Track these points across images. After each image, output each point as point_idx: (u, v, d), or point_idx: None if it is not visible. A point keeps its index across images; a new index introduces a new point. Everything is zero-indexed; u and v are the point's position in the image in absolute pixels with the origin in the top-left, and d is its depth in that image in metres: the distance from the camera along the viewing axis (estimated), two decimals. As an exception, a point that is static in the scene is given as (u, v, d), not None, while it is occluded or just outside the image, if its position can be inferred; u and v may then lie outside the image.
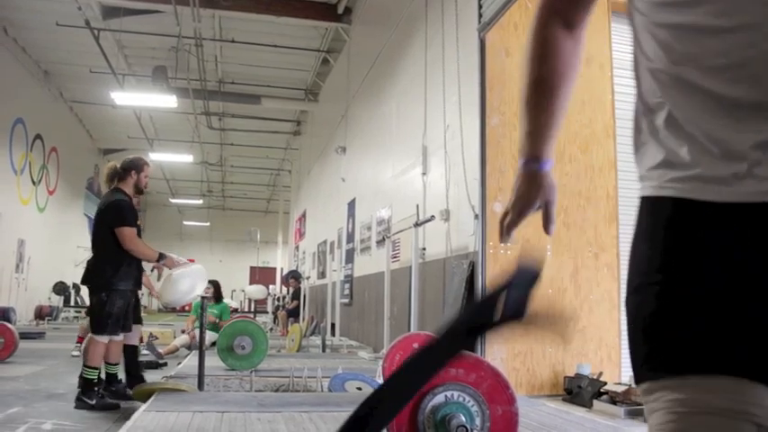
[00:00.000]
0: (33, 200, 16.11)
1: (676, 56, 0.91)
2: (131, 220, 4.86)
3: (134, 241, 4.83)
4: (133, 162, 5.07)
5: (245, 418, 3.60)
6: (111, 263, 4.78)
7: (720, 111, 0.87)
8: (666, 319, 0.89)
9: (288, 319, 12.23)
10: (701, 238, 0.89)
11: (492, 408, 2.53)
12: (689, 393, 0.85)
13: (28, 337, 9.89)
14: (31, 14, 12.06)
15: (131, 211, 4.92)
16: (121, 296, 4.77)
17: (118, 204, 4.88)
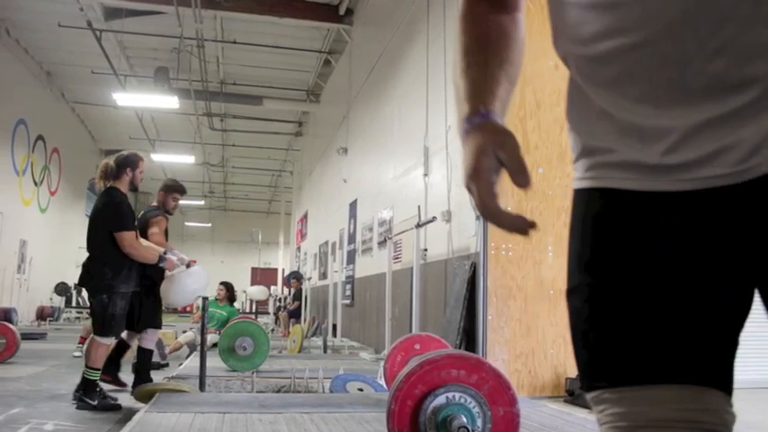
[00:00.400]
0: (35, 200, 16.13)
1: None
2: (130, 224, 4.81)
3: (134, 245, 4.76)
4: (128, 159, 4.91)
5: (246, 419, 3.60)
6: (110, 265, 4.69)
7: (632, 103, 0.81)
8: (598, 326, 0.83)
9: (289, 320, 12.23)
10: (623, 233, 0.83)
11: (493, 409, 2.53)
12: (630, 406, 0.79)
13: (30, 338, 9.90)
14: (34, 15, 12.08)
15: (130, 214, 4.86)
16: (123, 298, 4.72)
17: (116, 207, 4.77)
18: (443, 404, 2.51)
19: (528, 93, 5.30)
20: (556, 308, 5.11)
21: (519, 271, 5.09)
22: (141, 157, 5.06)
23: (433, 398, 2.52)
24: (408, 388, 2.53)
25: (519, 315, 5.03)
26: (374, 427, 3.38)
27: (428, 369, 2.55)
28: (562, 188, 5.26)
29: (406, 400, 2.53)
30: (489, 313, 4.96)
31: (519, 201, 5.14)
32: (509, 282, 5.06)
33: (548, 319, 5.08)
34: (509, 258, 5.08)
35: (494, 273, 5.03)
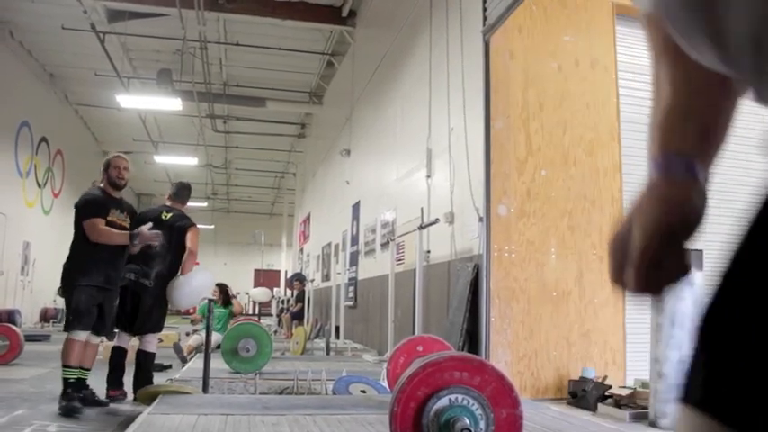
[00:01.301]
0: (39, 202, 16.16)
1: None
2: (95, 211, 4.83)
3: (97, 230, 4.76)
4: (106, 160, 5.13)
5: (249, 420, 3.60)
6: (73, 260, 4.87)
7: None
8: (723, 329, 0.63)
9: (292, 322, 12.23)
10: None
11: (496, 411, 2.53)
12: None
13: (33, 340, 9.92)
14: (37, 18, 12.11)
15: (95, 203, 4.89)
16: (84, 292, 4.73)
17: (82, 199, 4.96)
18: (446, 406, 2.51)
19: (531, 95, 5.30)
20: (558, 310, 5.11)
21: (522, 273, 5.08)
22: (118, 155, 5.23)
23: (436, 400, 2.52)
24: (411, 390, 2.53)
25: (522, 317, 5.02)
26: (377, 428, 3.38)
27: (431, 371, 2.54)
28: (565, 190, 5.26)
29: (409, 402, 2.53)
30: (492, 315, 4.96)
31: (522, 203, 5.14)
32: (512, 284, 5.05)
33: (551, 321, 5.08)
34: (512, 260, 5.07)
35: (497, 275, 5.02)
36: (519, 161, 5.21)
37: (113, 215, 4.93)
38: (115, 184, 5.02)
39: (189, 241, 5.33)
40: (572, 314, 5.14)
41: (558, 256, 5.17)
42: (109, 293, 4.96)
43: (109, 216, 4.88)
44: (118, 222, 4.93)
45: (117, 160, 5.07)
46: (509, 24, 5.22)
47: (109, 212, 4.89)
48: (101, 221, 4.79)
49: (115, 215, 4.94)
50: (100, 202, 4.91)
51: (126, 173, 5.05)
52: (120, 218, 4.98)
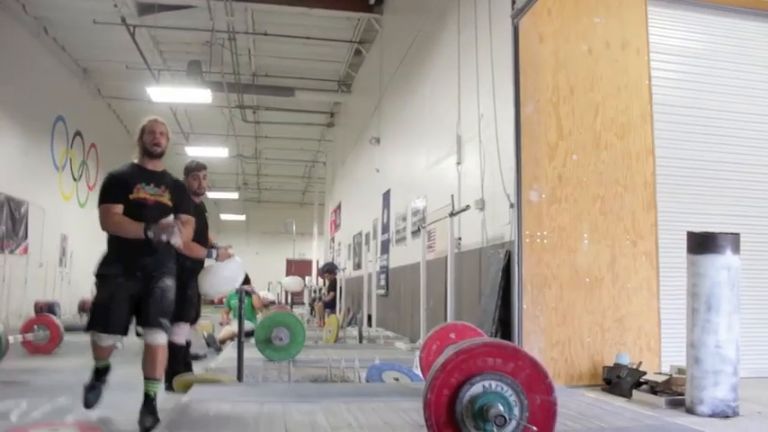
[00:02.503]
0: (75, 195, 16.45)
1: None
2: (109, 195, 4.14)
3: (106, 218, 4.11)
4: (140, 126, 4.38)
5: (283, 408, 3.64)
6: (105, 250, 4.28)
7: None
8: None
9: (325, 311, 12.31)
10: None
11: (530, 397, 2.52)
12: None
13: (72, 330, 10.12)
14: (69, 13, 12.28)
15: (113, 184, 4.19)
16: (103, 284, 4.15)
17: (104, 180, 4.30)
18: (480, 393, 2.50)
19: (561, 78, 5.23)
20: (591, 296, 5.06)
21: (554, 259, 5.04)
22: (154, 120, 4.39)
23: (470, 386, 2.51)
24: (444, 377, 2.53)
25: (554, 303, 4.99)
26: (410, 416, 3.39)
27: (464, 358, 2.54)
28: (597, 174, 5.20)
29: (443, 389, 2.53)
30: (524, 302, 4.93)
31: (553, 188, 5.10)
32: (544, 270, 5.02)
33: (584, 307, 5.04)
34: (544, 246, 5.04)
35: (528, 261, 4.99)
36: (549, 146, 5.15)
37: (142, 191, 4.14)
38: (149, 151, 4.25)
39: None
40: (605, 300, 5.09)
41: (591, 242, 5.12)
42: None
43: (133, 193, 4.11)
44: (151, 199, 4.13)
45: (152, 124, 4.30)
46: (538, 7, 5.15)
47: (134, 189, 4.12)
48: (114, 207, 4.08)
49: (145, 191, 4.15)
50: (120, 180, 4.17)
51: (163, 138, 4.27)
52: (153, 193, 4.16)
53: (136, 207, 4.09)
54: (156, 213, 4.09)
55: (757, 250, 5.37)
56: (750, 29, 5.91)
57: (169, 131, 4.38)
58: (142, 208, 4.10)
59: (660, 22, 5.63)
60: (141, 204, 4.11)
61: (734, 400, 3.74)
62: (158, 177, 4.26)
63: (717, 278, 3.79)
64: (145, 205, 4.11)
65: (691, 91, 5.67)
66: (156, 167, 4.29)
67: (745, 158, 5.72)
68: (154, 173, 4.26)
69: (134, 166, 4.30)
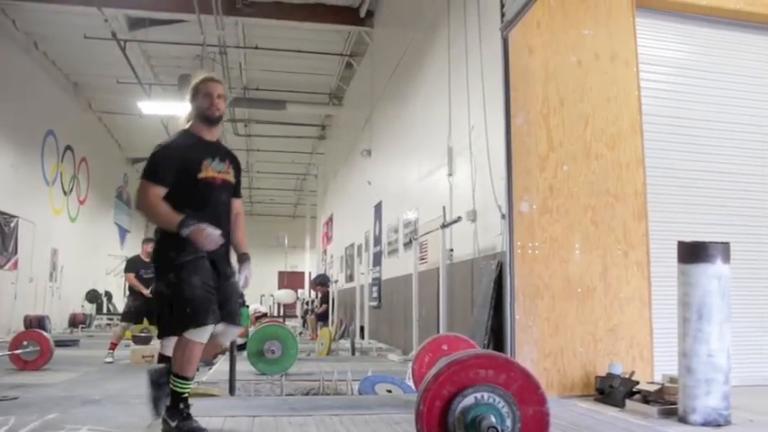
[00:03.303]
0: (65, 210, 16.39)
1: None
2: (154, 174, 3.37)
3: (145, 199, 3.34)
4: (192, 86, 3.61)
5: (276, 421, 3.62)
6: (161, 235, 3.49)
7: None
8: None
9: (317, 323, 12.28)
10: None
11: (523, 408, 2.51)
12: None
13: (63, 345, 10.05)
14: (60, 28, 12.30)
15: (165, 161, 3.40)
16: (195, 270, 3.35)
17: (152, 153, 3.48)
18: (472, 404, 2.50)
19: (551, 89, 5.26)
20: (584, 306, 5.06)
21: (546, 269, 5.05)
22: (209, 79, 3.62)
23: (462, 398, 2.51)
24: (436, 389, 2.53)
25: (547, 314, 4.99)
26: (403, 428, 3.38)
27: (456, 369, 2.54)
28: (587, 185, 5.22)
29: (435, 401, 2.53)
30: (517, 312, 4.93)
31: (544, 199, 5.11)
32: (536, 280, 5.02)
33: (576, 317, 5.04)
34: (536, 257, 5.04)
35: (520, 271, 4.99)
36: (540, 157, 5.17)
37: (210, 168, 3.46)
38: (207, 117, 3.52)
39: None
40: (597, 310, 5.10)
41: (582, 252, 5.13)
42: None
43: (202, 171, 3.41)
44: (219, 178, 3.48)
45: (208, 85, 3.55)
46: (527, 20, 5.18)
47: (201, 166, 3.41)
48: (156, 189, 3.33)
49: (213, 168, 3.47)
50: (177, 156, 3.41)
51: (222, 102, 3.56)
52: (220, 170, 3.50)
53: (205, 189, 3.40)
54: (224, 197, 3.52)
55: (747, 259, 5.39)
56: (737, 40, 5.96)
57: (226, 91, 3.66)
58: (212, 190, 3.43)
59: (648, 33, 5.67)
60: (210, 185, 3.42)
61: (726, 409, 3.75)
62: (220, 150, 3.57)
63: (708, 287, 3.80)
64: (214, 186, 3.44)
65: (680, 101, 5.71)
66: (214, 136, 3.57)
67: (734, 168, 5.75)
68: (214, 145, 3.55)
69: (192, 137, 3.52)
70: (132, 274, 8.99)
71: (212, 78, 3.60)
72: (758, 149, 5.86)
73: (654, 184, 5.42)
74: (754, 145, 5.86)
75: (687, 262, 3.88)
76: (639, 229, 5.27)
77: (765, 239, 5.75)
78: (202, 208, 3.34)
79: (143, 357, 8.32)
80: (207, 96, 3.49)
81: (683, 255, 3.92)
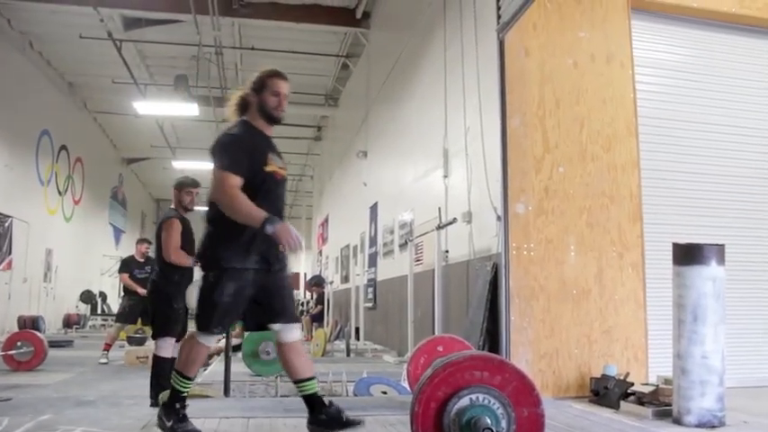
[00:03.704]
0: (60, 210, 16.35)
1: None
2: (232, 163, 3.18)
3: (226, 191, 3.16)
4: (258, 79, 3.47)
5: (270, 423, 3.62)
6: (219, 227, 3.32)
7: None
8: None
9: (312, 324, 12.27)
10: None
11: (517, 410, 2.51)
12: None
13: (57, 346, 10.02)
14: (55, 28, 12.26)
15: (241, 149, 3.25)
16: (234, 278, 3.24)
17: (222, 142, 3.34)
18: (467, 406, 2.50)
19: (547, 91, 5.27)
20: (579, 307, 5.07)
21: (541, 271, 5.05)
22: (276, 74, 3.47)
23: (457, 399, 2.51)
24: (432, 390, 2.53)
25: (542, 315, 4.99)
26: (398, 429, 3.37)
27: (451, 371, 2.54)
28: (583, 187, 5.22)
29: (430, 403, 2.53)
30: (512, 314, 4.93)
31: (540, 200, 5.12)
32: (531, 282, 5.03)
33: (571, 318, 5.04)
34: (531, 259, 5.04)
35: (516, 273, 5.00)
36: (536, 159, 5.18)
37: (274, 163, 3.33)
38: (271, 116, 3.41)
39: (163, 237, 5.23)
40: (592, 312, 5.10)
41: (578, 254, 5.14)
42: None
43: (268, 164, 3.28)
44: (280, 173, 3.37)
45: (277, 82, 3.42)
46: (523, 22, 5.19)
47: (268, 159, 3.29)
48: (234, 179, 3.16)
49: (276, 163, 3.36)
50: (248, 146, 3.28)
51: (286, 102, 3.47)
52: (281, 167, 3.40)
53: (271, 182, 3.29)
54: (283, 193, 3.44)
55: (742, 261, 5.40)
56: (731, 42, 5.98)
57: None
58: (276, 184, 3.32)
59: (644, 35, 5.68)
60: (275, 180, 3.30)
61: (720, 410, 3.76)
62: (272, 142, 3.44)
63: (702, 289, 3.81)
64: (278, 180, 3.33)
65: (675, 104, 5.73)
66: (271, 133, 3.46)
67: (729, 170, 5.77)
68: (273, 141, 3.44)
69: (255, 130, 3.37)
70: (126, 274, 8.99)
71: (281, 75, 3.44)
72: (753, 152, 5.88)
73: (649, 186, 5.43)
74: (750, 147, 5.87)
75: (682, 264, 3.89)
76: (634, 230, 5.27)
77: (761, 241, 5.76)
78: (267, 202, 3.20)
79: (137, 358, 8.30)
80: (275, 95, 3.38)
81: (678, 256, 3.93)
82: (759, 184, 5.87)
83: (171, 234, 5.21)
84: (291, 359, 3.31)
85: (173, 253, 5.15)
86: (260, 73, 3.44)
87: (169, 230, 5.23)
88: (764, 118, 5.95)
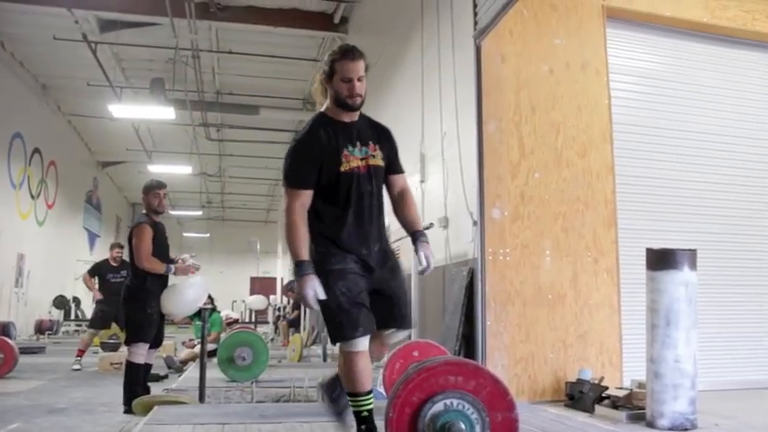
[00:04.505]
0: (32, 214, 16.10)
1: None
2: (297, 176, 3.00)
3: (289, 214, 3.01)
4: (328, 61, 3.08)
5: (246, 429, 3.59)
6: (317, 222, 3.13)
7: None
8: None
9: (289, 330, 12.21)
10: None
11: (492, 415, 2.52)
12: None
13: (28, 352, 9.87)
14: (29, 29, 12.09)
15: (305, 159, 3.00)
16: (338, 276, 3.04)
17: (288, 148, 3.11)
18: (441, 411, 2.51)
19: (523, 97, 5.31)
20: (554, 312, 5.10)
21: (517, 276, 5.08)
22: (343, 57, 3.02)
23: (432, 405, 2.51)
24: (406, 395, 2.53)
25: (518, 320, 5.02)
26: (374, 435, 3.36)
27: (426, 376, 2.54)
28: (558, 192, 5.27)
29: (405, 408, 2.52)
30: (488, 319, 4.95)
31: (516, 206, 5.15)
32: (507, 287, 5.05)
33: (547, 323, 5.08)
34: (507, 264, 5.07)
35: (492, 278, 5.02)
36: (512, 164, 5.21)
37: (351, 157, 3.07)
38: (346, 105, 3.07)
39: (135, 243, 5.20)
40: (568, 316, 5.14)
41: (553, 259, 5.17)
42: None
43: (343, 163, 3.03)
44: (362, 165, 3.09)
45: (345, 66, 3.00)
46: (500, 28, 5.23)
47: (342, 156, 3.03)
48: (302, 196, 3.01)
49: (354, 156, 3.08)
50: (315, 149, 3.01)
51: (363, 85, 3.06)
52: (364, 155, 3.12)
53: (349, 183, 3.02)
54: (371, 186, 3.09)
55: (714, 266, 5.48)
56: (703, 51, 6.08)
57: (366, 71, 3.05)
58: (357, 183, 3.04)
59: (619, 43, 5.76)
60: (354, 177, 3.03)
61: (692, 413, 3.80)
62: (363, 129, 3.15)
63: (675, 294, 3.85)
64: (359, 177, 3.04)
65: (649, 111, 5.80)
66: (354, 116, 3.13)
67: (701, 177, 5.86)
68: (355, 126, 3.12)
69: (329, 122, 3.09)
70: (91, 276, 8.90)
71: (351, 54, 3.00)
72: (726, 158, 5.98)
73: (623, 191, 5.49)
74: (722, 153, 5.97)
75: (655, 269, 3.93)
76: (609, 236, 5.33)
77: (732, 246, 5.85)
78: (346, 206, 3.02)
79: (111, 365, 8.20)
80: (345, 81, 2.99)
81: (652, 262, 3.97)
82: (731, 190, 5.96)
83: (142, 240, 5.17)
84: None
85: (145, 260, 5.11)
86: (330, 53, 3.06)
87: (140, 236, 5.19)
88: (737, 125, 6.05)
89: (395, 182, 3.25)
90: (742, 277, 5.86)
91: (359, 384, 2.85)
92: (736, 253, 5.87)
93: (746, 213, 5.97)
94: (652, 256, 3.99)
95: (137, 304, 5.13)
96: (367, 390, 2.86)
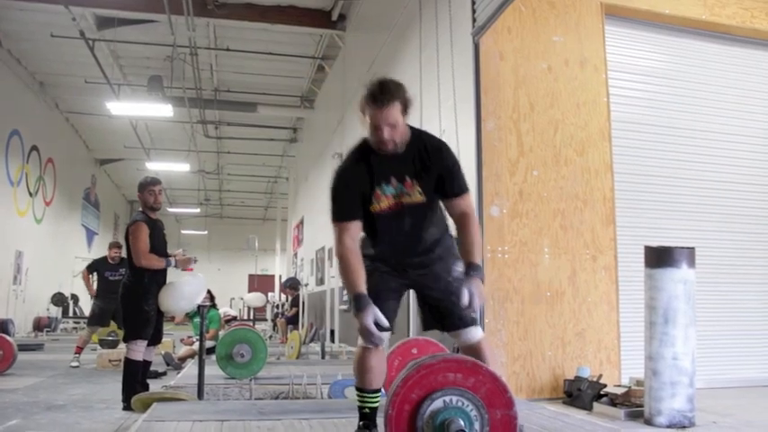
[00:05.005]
0: (30, 211, 16.08)
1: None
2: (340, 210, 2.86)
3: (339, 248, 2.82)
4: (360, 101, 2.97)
5: (244, 426, 3.59)
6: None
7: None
8: None
9: (287, 327, 12.21)
10: None
11: (491, 412, 2.52)
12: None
13: (26, 349, 9.86)
14: (26, 26, 12.06)
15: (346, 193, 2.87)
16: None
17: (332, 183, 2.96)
18: (441, 408, 2.51)
19: (521, 95, 5.31)
20: (553, 310, 5.11)
21: (515, 273, 5.09)
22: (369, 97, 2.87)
23: (431, 402, 2.51)
24: (405, 392, 2.53)
25: (516, 318, 5.02)
26: (373, 432, 3.36)
27: (425, 373, 2.54)
28: (557, 190, 5.27)
29: (404, 405, 2.52)
30: (486, 316, 4.96)
31: (514, 203, 5.15)
32: (506, 284, 5.06)
33: (545, 321, 5.08)
34: (505, 261, 5.08)
35: (490, 275, 5.02)
36: (511, 162, 5.21)
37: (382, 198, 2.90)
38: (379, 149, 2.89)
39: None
40: (566, 314, 5.15)
41: (552, 256, 5.18)
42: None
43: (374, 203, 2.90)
44: (394, 205, 2.94)
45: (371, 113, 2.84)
46: (498, 26, 5.23)
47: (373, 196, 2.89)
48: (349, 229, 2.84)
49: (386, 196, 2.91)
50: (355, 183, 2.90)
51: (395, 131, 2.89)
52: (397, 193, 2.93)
53: (380, 222, 2.90)
54: (408, 222, 2.90)
55: (712, 264, 5.49)
56: (702, 48, 6.08)
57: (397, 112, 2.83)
58: (388, 222, 2.89)
59: (617, 41, 5.76)
60: (385, 217, 2.88)
61: (690, 411, 3.81)
62: (403, 159, 2.87)
63: (673, 291, 3.86)
64: (389, 217, 2.88)
65: (647, 108, 5.81)
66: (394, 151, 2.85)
67: (700, 174, 5.86)
68: (395, 159, 2.86)
69: (368, 151, 2.89)
70: (89, 273, 8.90)
71: (380, 101, 2.79)
72: (724, 156, 5.98)
73: (622, 189, 5.50)
74: (721, 151, 5.97)
75: (654, 266, 3.94)
76: (608, 233, 5.33)
77: (731, 244, 5.86)
78: (381, 242, 2.92)
79: (110, 362, 8.19)
80: (375, 129, 2.80)
81: (650, 259, 3.98)
82: (730, 188, 5.97)
83: (138, 238, 5.17)
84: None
85: (143, 258, 5.10)
86: (365, 89, 2.87)
87: (136, 234, 5.19)
88: (736, 122, 6.05)
89: (452, 205, 2.96)
90: (740, 275, 5.88)
91: (366, 381, 2.91)
92: (735, 251, 5.88)
93: (744, 211, 5.99)
94: (650, 253, 3.99)
95: (135, 301, 5.12)
96: (374, 388, 2.88)
